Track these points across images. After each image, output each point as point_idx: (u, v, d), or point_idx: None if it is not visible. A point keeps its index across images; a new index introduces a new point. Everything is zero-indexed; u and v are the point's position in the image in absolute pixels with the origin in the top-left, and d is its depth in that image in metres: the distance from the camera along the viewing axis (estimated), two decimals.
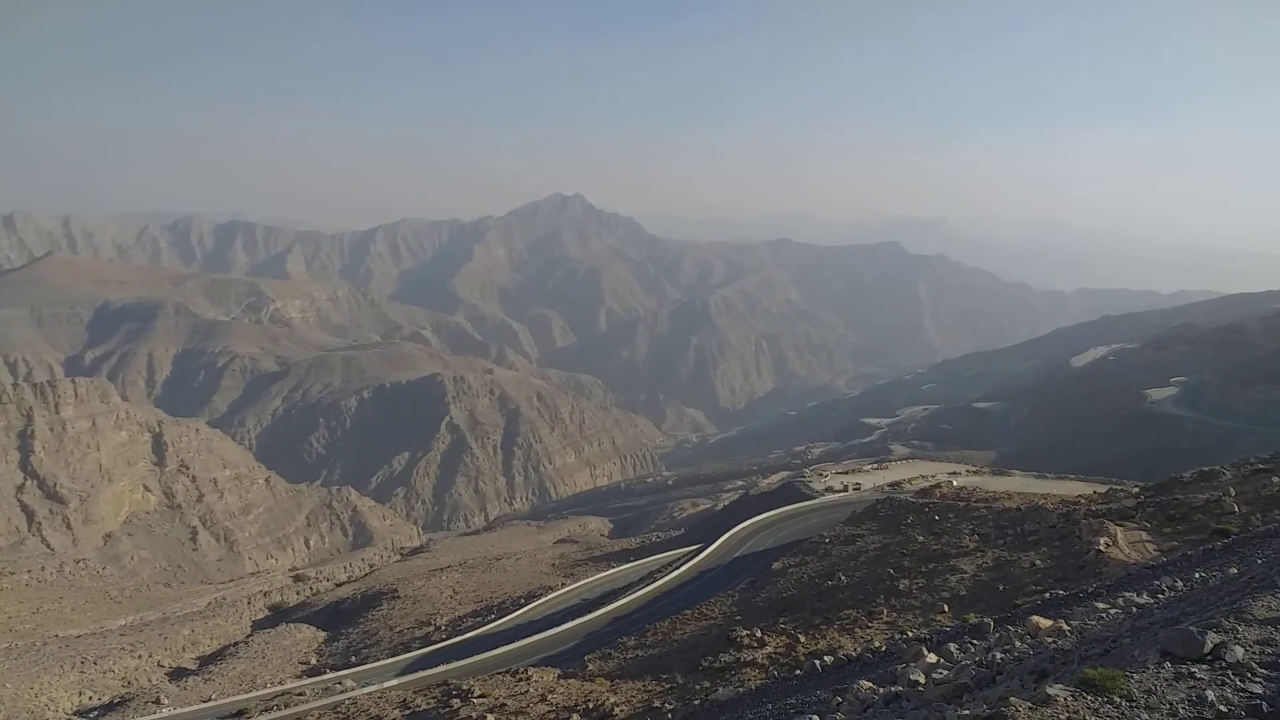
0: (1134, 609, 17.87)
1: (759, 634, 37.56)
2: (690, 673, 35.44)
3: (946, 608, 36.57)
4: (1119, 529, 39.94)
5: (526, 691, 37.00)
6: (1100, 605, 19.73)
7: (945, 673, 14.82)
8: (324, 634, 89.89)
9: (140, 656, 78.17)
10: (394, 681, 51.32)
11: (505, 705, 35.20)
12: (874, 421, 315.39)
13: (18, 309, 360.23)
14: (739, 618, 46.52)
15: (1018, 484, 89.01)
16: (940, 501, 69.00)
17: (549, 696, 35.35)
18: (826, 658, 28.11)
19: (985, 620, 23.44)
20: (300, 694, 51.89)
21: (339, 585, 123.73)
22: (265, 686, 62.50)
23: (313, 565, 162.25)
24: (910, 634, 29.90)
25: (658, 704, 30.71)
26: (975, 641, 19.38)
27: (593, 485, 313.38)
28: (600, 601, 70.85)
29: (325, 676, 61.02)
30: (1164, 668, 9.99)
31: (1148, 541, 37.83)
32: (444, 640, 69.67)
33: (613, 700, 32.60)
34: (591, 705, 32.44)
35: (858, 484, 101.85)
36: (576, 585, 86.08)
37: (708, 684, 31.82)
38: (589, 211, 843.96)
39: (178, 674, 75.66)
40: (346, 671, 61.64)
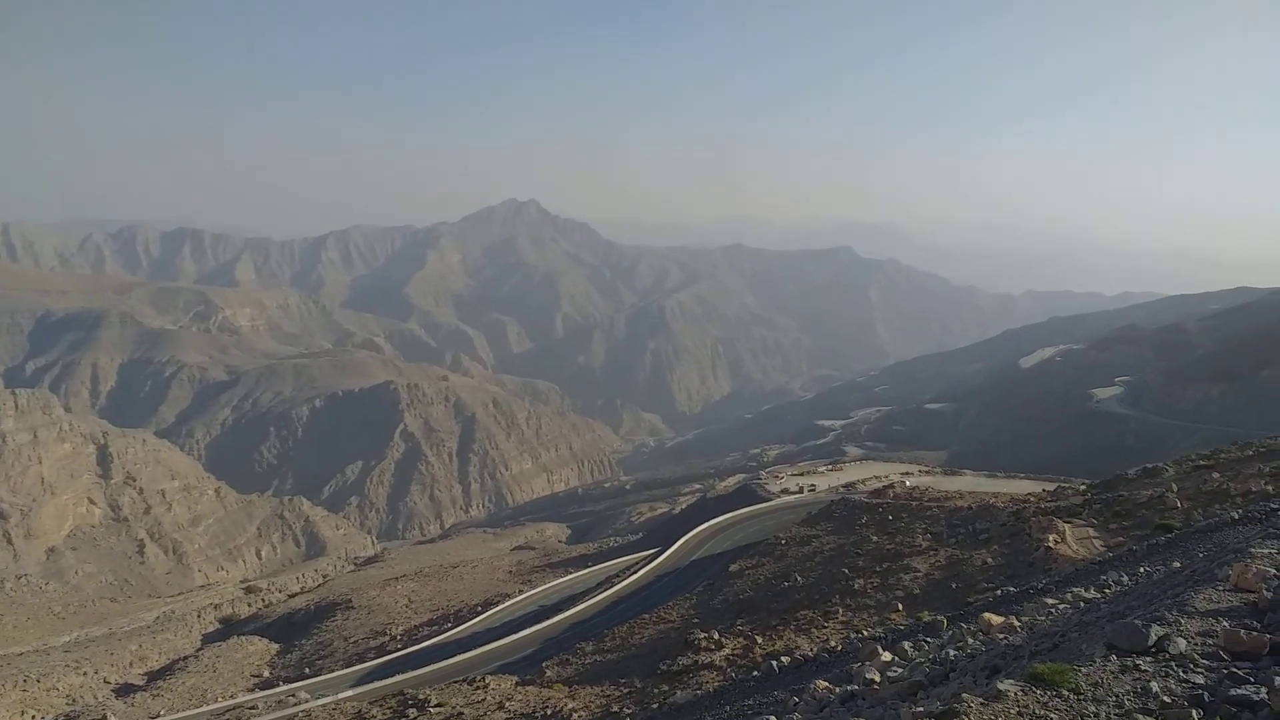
0: (1082, 604, 18.23)
1: (717, 636, 37.68)
2: (648, 676, 35.40)
3: (901, 606, 37.03)
4: (1067, 526, 40.75)
5: (484, 700, 36.66)
6: (1050, 601, 20.10)
7: (900, 671, 14.94)
8: (277, 646, 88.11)
9: (85, 673, 75.97)
10: (349, 692, 50.50)
11: (462, 714, 34.85)
12: (828, 423, 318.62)
13: None
14: (697, 620, 46.64)
15: (969, 483, 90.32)
16: (894, 502, 69.96)
17: (507, 704, 35.10)
18: (784, 658, 28.30)
19: (939, 618, 23.75)
20: (253, 707, 50.99)
21: (292, 596, 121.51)
22: (216, 701, 61.26)
23: (265, 577, 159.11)
24: (865, 633, 30.23)
25: (616, 709, 30.64)
26: (929, 639, 19.61)
27: (550, 491, 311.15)
28: (558, 607, 70.45)
29: (278, 689, 59.86)
30: (1110, 661, 10.15)
31: (1095, 538, 38.62)
32: (400, 650, 68.75)
33: (571, 706, 32.43)
34: (550, 712, 32.23)
35: (813, 485, 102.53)
36: (534, 592, 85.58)
37: (666, 687, 31.81)
38: (544, 217, 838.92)
39: (125, 690, 73.52)
40: (300, 684, 60.48)
